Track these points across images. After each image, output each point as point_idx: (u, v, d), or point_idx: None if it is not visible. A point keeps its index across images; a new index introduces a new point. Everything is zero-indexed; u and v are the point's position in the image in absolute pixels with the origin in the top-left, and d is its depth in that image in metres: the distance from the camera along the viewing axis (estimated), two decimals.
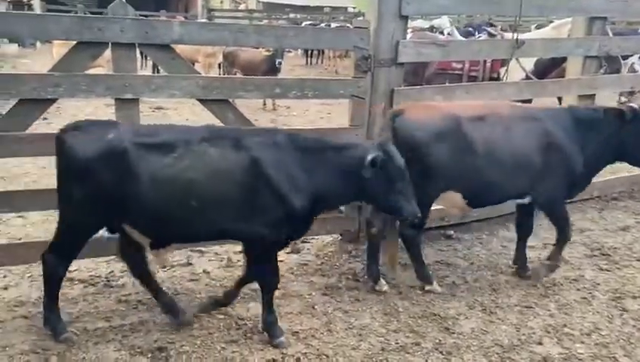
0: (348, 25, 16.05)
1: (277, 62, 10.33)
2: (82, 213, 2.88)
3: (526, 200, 3.72)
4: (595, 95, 5.01)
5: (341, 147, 3.01)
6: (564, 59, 5.40)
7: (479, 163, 3.45)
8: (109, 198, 2.78)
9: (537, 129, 3.58)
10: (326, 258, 4.19)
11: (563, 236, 3.83)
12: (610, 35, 5.15)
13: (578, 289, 3.84)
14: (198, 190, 2.79)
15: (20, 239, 4.23)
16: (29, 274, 3.77)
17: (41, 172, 5.95)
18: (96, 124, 2.95)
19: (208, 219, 2.86)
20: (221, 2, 34.35)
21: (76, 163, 2.79)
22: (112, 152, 2.76)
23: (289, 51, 16.59)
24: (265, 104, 10.76)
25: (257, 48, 9.80)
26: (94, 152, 2.76)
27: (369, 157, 2.85)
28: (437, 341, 3.18)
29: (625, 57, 12.70)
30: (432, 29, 14.13)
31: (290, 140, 2.97)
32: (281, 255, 4.20)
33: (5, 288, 3.58)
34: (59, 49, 10.06)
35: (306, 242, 4.44)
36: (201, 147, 2.83)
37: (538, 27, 11.49)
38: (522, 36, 4.66)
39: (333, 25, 18.15)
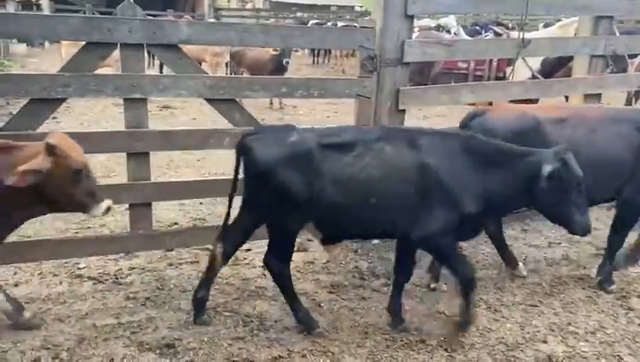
0: (355, 24, 16.07)
1: (284, 62, 10.35)
2: (279, 215, 2.97)
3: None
4: (601, 94, 5.01)
5: (517, 153, 2.98)
6: (570, 59, 5.40)
7: None
8: (298, 199, 2.86)
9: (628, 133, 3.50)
10: (332, 256, 4.21)
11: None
12: (617, 34, 5.14)
13: (583, 288, 3.85)
14: (377, 187, 2.88)
15: (29, 237, 4.28)
16: (39, 272, 3.82)
17: None
18: (275, 128, 3.10)
19: (384, 216, 2.93)
20: (228, 1, 34.41)
21: (264, 167, 2.88)
22: (297, 154, 2.86)
23: (296, 50, 16.61)
24: (272, 103, 10.80)
25: (264, 48, 9.84)
26: (281, 155, 2.86)
27: (547, 170, 2.84)
28: (442, 338, 3.20)
29: (632, 56, 12.67)
30: (438, 28, 14.13)
31: (465, 142, 2.98)
32: None
33: (16, 285, 3.63)
34: (67, 49, 10.14)
35: (312, 240, 4.46)
36: (378, 145, 2.92)
37: (546, 26, 11.47)
38: (529, 35, 4.67)
39: (339, 24, 18.17)
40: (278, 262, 3.09)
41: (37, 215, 2.98)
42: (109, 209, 2.93)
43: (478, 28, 14.00)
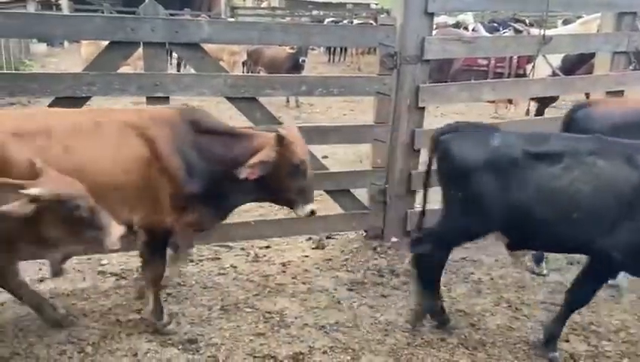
0: (371, 21, 16.04)
1: (300, 60, 10.37)
2: (464, 216, 2.90)
3: None
4: (623, 91, 4.94)
5: None
6: (592, 56, 5.34)
7: None
8: (491, 205, 2.78)
9: None
10: (351, 254, 4.23)
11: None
12: None
13: (606, 288, 3.80)
14: (583, 203, 2.71)
15: None
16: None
17: None
18: (474, 128, 3.00)
19: (583, 232, 2.75)
20: (244, 0, 34.53)
21: (461, 167, 2.81)
22: (500, 159, 2.77)
23: (312, 49, 16.63)
24: (288, 101, 10.82)
25: (283, 46, 9.86)
26: (482, 158, 2.78)
27: None
28: (462, 336, 3.19)
29: None
30: (458, 25, 14.04)
31: None
32: (307, 250, 4.29)
33: (41, 280, 3.69)
34: (87, 48, 10.27)
35: (331, 238, 4.48)
36: (590, 159, 2.73)
37: (565, 22, 11.34)
38: (549, 32, 4.62)
39: (355, 21, 18.14)
40: (437, 247, 3.01)
41: (248, 202, 3.14)
42: (313, 212, 2.96)
43: (495, 25, 13.89)
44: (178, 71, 11.94)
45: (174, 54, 9.33)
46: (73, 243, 2.55)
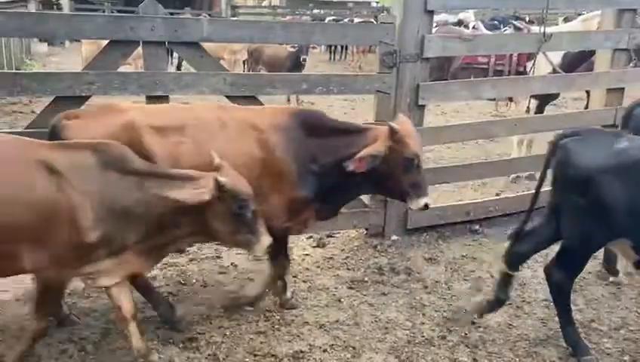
0: (371, 20, 16.02)
1: (302, 59, 10.36)
2: (585, 228, 2.77)
3: None
4: (624, 88, 4.94)
5: None
6: (593, 53, 5.33)
7: None
8: (617, 215, 2.65)
9: None
10: (351, 252, 4.23)
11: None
12: None
13: (606, 285, 3.81)
14: None
15: None
16: None
17: None
18: (597, 131, 2.95)
19: None
20: None
21: (584, 174, 2.69)
22: (629, 164, 2.64)
23: (313, 47, 16.62)
24: (289, 100, 10.82)
25: (284, 45, 9.86)
26: (607, 163, 2.65)
27: None
28: (463, 334, 3.20)
29: None
30: (460, 23, 14.01)
31: None
32: (307, 248, 4.29)
33: None
34: (87, 47, 10.27)
35: (331, 236, 4.48)
36: None
37: (565, 20, 11.32)
38: (549, 30, 4.62)
39: (356, 20, 18.11)
40: (563, 275, 2.90)
41: (360, 194, 3.29)
42: (426, 206, 2.94)
43: (496, 22, 13.86)
44: (178, 70, 11.94)
45: (175, 53, 9.32)
46: (228, 239, 2.60)
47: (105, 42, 3.52)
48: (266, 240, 2.56)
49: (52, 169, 2.32)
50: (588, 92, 5.89)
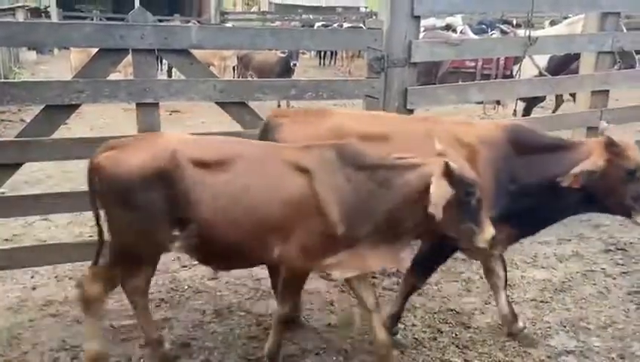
0: (360, 25, 16.10)
1: (292, 64, 10.41)
2: None
3: None
4: (608, 91, 5.01)
5: None
6: (578, 56, 5.41)
7: None
8: None
9: None
10: None
11: None
12: (624, 30, 5.14)
13: (594, 284, 3.86)
14: None
15: (45, 241, 4.36)
16: (55, 275, 3.89)
17: (63, 176, 6.10)
18: None
19: None
20: (234, 5, 34.53)
21: None
22: None
23: (303, 53, 16.68)
24: (279, 105, 10.85)
25: (274, 51, 9.90)
26: None
27: None
28: (453, 335, 3.23)
29: None
30: (447, 27, 14.12)
31: None
32: None
33: (34, 288, 3.70)
34: (76, 55, 10.27)
35: None
36: None
37: (552, 23, 11.45)
38: (535, 33, 4.68)
39: (345, 25, 18.21)
40: None
41: (570, 215, 3.00)
42: None
43: (484, 26, 13.98)
44: (169, 77, 11.95)
45: (165, 60, 9.33)
46: (451, 229, 2.47)
47: (94, 50, 3.53)
48: (489, 231, 2.42)
49: (301, 168, 2.48)
50: (574, 95, 5.97)
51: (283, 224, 2.49)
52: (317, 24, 20.01)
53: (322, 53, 19.34)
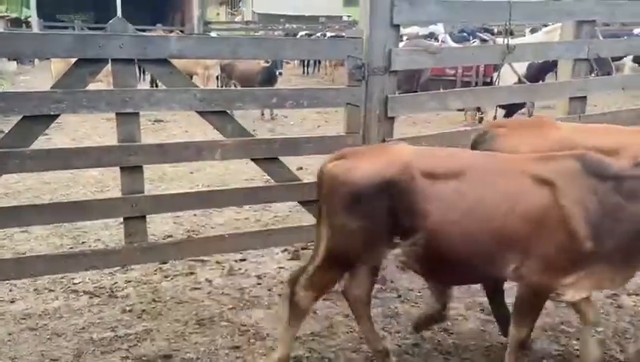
0: (343, 34, 16.20)
1: (278, 73, 10.54)
2: None
3: None
4: (586, 97, 5.10)
5: None
6: (556, 63, 5.50)
7: None
8: None
9: None
10: None
11: None
12: (600, 37, 5.24)
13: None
14: None
15: (24, 253, 4.30)
16: (34, 288, 3.84)
17: (43, 187, 6.04)
18: None
19: None
20: (217, 14, 34.56)
21: None
22: None
23: (287, 62, 16.75)
24: (263, 114, 10.87)
25: (255, 60, 9.94)
26: None
27: None
28: (436, 341, 3.24)
29: (619, 59, 12.83)
30: (431, 35, 14.29)
31: None
32: (282, 261, 4.31)
33: (12, 301, 3.65)
34: (57, 65, 10.17)
35: (306, 249, 4.50)
36: None
37: (533, 31, 11.63)
38: (514, 41, 4.75)
39: (328, 34, 18.31)
40: None
41: None
42: None
43: (466, 34, 14.16)
44: (152, 86, 11.89)
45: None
46: None
47: (74, 60, 3.51)
48: None
49: (543, 179, 2.40)
50: None
51: (523, 238, 2.38)
52: (300, 33, 20.12)
53: (306, 62, 19.43)
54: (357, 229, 2.49)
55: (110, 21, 3.43)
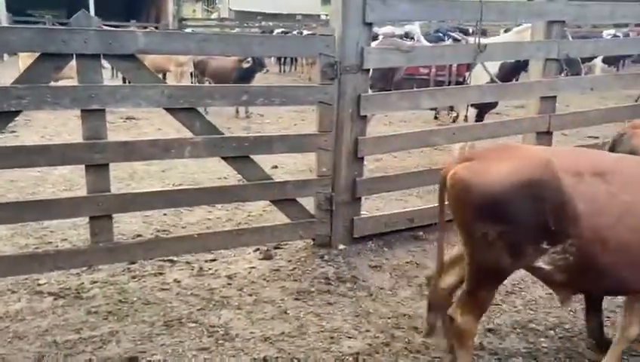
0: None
1: (265, 70, 10.83)
2: None
3: None
4: (556, 97, 5.16)
5: None
6: (527, 63, 5.55)
7: None
8: None
9: None
10: (298, 263, 4.22)
11: None
12: (570, 38, 5.30)
13: (544, 287, 3.93)
14: None
15: None
16: None
17: (9, 185, 5.88)
18: None
19: None
20: (194, 11, 34.24)
21: None
22: None
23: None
24: (238, 112, 10.78)
25: (226, 57, 9.85)
26: None
27: None
28: (406, 340, 3.23)
29: (589, 60, 13.02)
30: (406, 35, 14.33)
31: None
32: (254, 261, 4.25)
33: None
34: (25, 60, 9.92)
35: (278, 248, 4.47)
36: None
37: (507, 31, 11.75)
38: (484, 41, 4.78)
39: (305, 32, 18.27)
40: None
41: None
42: None
43: (441, 34, 14.24)
44: (125, 82, 11.71)
45: None
46: None
47: None
48: None
49: None
50: None
51: None
52: (276, 31, 20.02)
53: (282, 60, 19.36)
54: (500, 235, 2.29)
55: (74, 16, 3.34)
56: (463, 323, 2.51)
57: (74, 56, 3.36)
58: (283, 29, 21.17)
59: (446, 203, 2.57)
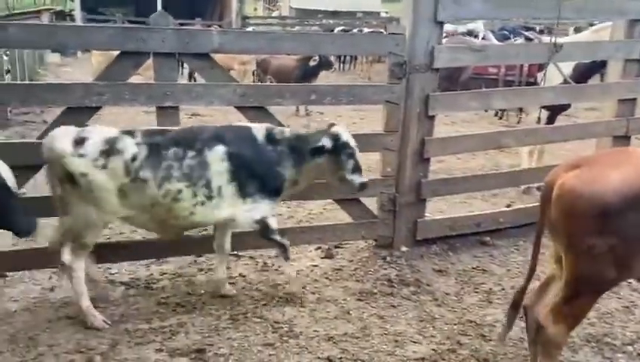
0: (381, 30, 16.08)
1: (332, 69, 11.30)
2: None
3: None
4: (635, 99, 4.89)
5: None
6: (604, 64, 5.29)
7: None
8: None
9: None
10: (360, 263, 4.20)
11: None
12: None
13: (619, 298, 3.75)
14: None
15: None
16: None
17: None
18: None
19: None
20: (255, 9, 34.77)
21: None
22: None
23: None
24: (298, 110, 10.85)
25: (293, 55, 9.95)
26: None
27: None
28: (473, 348, 3.15)
29: None
30: (469, 33, 14.01)
31: None
32: (316, 259, 4.27)
33: (51, 289, 3.71)
34: (98, 57, 10.39)
35: (340, 247, 4.46)
36: None
37: (577, 30, 11.29)
38: (560, 40, 4.59)
39: (365, 30, 18.18)
40: None
41: None
42: None
43: (506, 32, 13.81)
44: (190, 81, 12.02)
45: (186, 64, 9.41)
46: None
47: (115, 53, 3.54)
48: None
49: None
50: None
51: None
52: (337, 29, 20.02)
53: (342, 59, 19.34)
54: (611, 250, 2.17)
55: (152, 15, 3.44)
56: (555, 332, 2.40)
57: (151, 54, 3.47)
58: (344, 27, 21.16)
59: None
